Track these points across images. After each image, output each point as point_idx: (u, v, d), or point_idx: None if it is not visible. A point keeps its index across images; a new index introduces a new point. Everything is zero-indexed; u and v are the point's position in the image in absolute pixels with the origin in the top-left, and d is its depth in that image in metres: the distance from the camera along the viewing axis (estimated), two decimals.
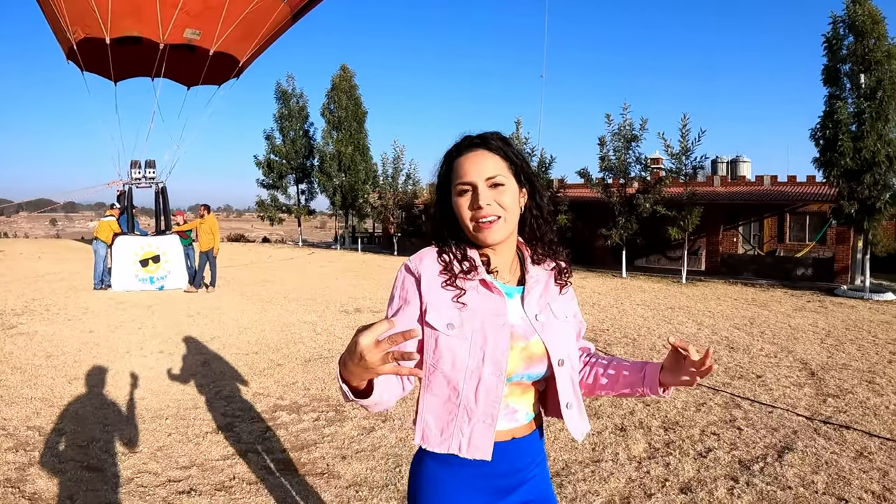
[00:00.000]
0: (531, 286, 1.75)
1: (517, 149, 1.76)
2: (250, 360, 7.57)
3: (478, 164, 1.67)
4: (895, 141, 19.04)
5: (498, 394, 1.62)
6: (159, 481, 4.08)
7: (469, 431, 1.63)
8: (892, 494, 4.11)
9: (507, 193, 1.68)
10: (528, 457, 1.76)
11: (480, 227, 1.65)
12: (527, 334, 1.69)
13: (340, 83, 38.02)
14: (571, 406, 1.75)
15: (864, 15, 19.02)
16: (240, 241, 41.17)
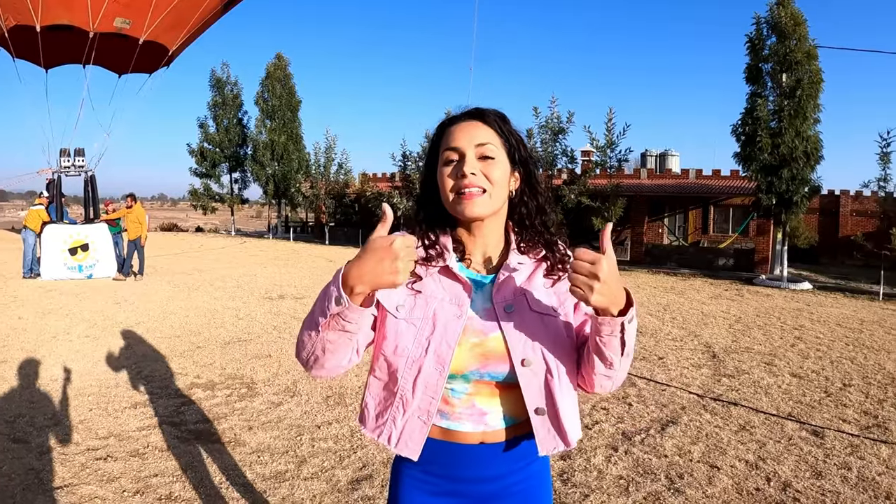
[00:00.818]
0: (505, 273, 1.59)
1: (515, 129, 1.62)
2: (172, 343, 7.88)
3: (469, 131, 1.54)
4: (813, 137, 19.89)
5: (437, 389, 1.50)
6: (79, 450, 4.44)
7: (402, 424, 1.54)
8: (765, 464, 4.62)
9: (497, 168, 1.53)
10: (503, 466, 1.59)
11: (461, 198, 1.51)
12: (486, 329, 1.54)
13: (275, 72, 37.91)
14: (542, 413, 1.55)
15: (787, 17, 19.70)
16: (172, 230, 40.67)
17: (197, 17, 16.65)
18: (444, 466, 1.57)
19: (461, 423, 1.55)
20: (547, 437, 1.55)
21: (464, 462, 1.57)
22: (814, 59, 20.11)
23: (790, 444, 5.09)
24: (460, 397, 1.55)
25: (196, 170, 39.12)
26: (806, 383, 7.03)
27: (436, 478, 1.59)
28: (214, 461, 4.32)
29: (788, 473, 4.51)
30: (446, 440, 1.56)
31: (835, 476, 4.51)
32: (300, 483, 4.02)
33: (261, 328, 9.03)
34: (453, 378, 1.52)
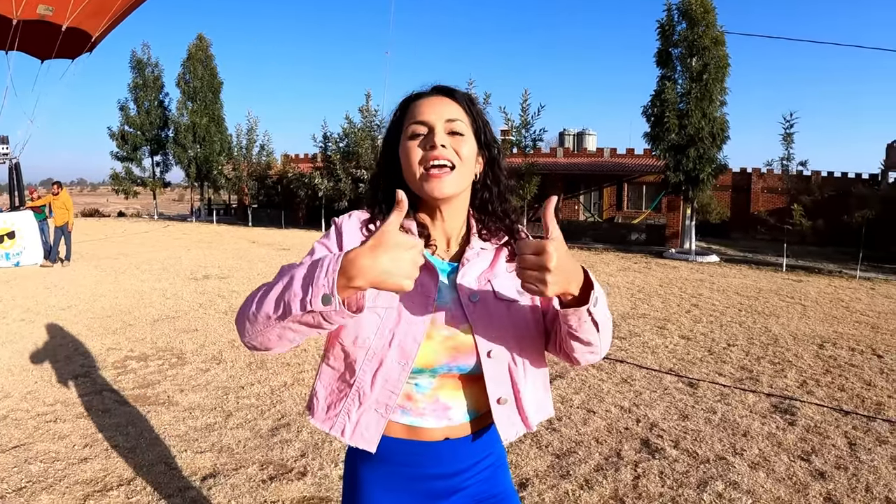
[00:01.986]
0: (469, 259, 1.52)
1: (482, 111, 1.55)
2: (105, 322, 8.31)
3: (439, 106, 1.46)
4: (719, 119, 20.81)
5: (398, 384, 1.42)
6: (30, 416, 4.95)
7: (357, 417, 1.45)
8: (637, 409, 5.36)
9: (466, 145, 1.46)
10: (467, 461, 1.54)
11: (429, 175, 1.42)
12: (456, 321, 1.46)
13: (196, 53, 37.20)
14: (505, 402, 1.49)
15: (697, 4, 20.35)
16: (94, 216, 39.83)
17: (119, 4, 16.73)
18: (406, 465, 1.51)
19: (424, 418, 1.48)
20: (508, 424, 1.51)
21: (428, 460, 1.51)
22: (721, 45, 20.85)
23: (665, 394, 5.84)
24: (424, 392, 1.48)
25: (117, 153, 38.18)
26: (692, 344, 7.89)
27: (397, 477, 1.52)
28: (151, 418, 4.90)
29: (657, 416, 5.24)
30: (410, 438, 1.49)
31: (700, 418, 5.21)
32: (227, 431, 4.66)
33: (187, 306, 9.53)
34: (420, 373, 1.44)
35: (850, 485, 4.10)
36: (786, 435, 4.95)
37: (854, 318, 10.05)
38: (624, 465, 4.26)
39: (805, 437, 4.89)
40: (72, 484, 3.77)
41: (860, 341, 8.38)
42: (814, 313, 10.37)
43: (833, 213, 21.60)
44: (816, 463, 4.43)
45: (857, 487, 4.06)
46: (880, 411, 5.54)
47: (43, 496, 3.61)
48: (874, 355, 7.60)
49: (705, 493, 3.87)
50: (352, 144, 28.59)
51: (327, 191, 29.10)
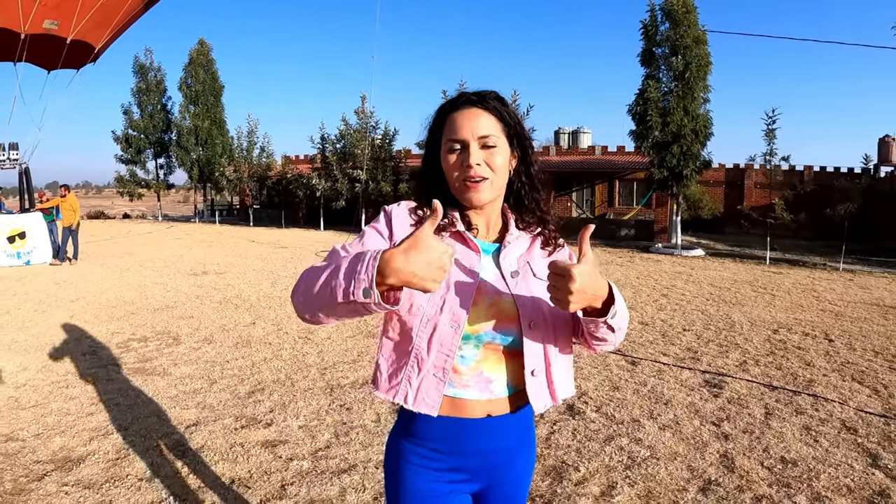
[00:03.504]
0: (510, 242, 1.67)
1: (514, 110, 1.67)
2: (110, 311, 9.20)
3: (472, 121, 1.58)
4: (702, 116, 21.19)
5: (452, 347, 1.53)
6: (45, 383, 5.83)
7: (418, 383, 1.56)
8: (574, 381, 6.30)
9: (499, 155, 1.59)
10: (509, 439, 1.66)
11: (467, 186, 1.58)
12: (498, 292, 1.60)
13: (198, 57, 37.95)
14: (538, 374, 1.62)
15: (679, 4, 20.74)
16: (100, 218, 40.69)
17: (120, 17, 17.63)
18: (449, 443, 1.61)
19: (468, 390, 1.59)
20: (538, 395, 1.62)
21: (470, 437, 1.61)
22: (702, 44, 21.22)
23: (604, 369, 6.37)
24: (469, 364, 1.59)
25: (121, 156, 38.98)
26: (648, 328, 8.50)
27: (441, 454, 1.63)
28: (148, 385, 5.78)
29: (590, 387, 5.79)
30: (452, 415, 1.60)
31: (629, 389, 5.76)
32: (212, 394, 5.53)
33: (185, 297, 10.43)
34: (467, 340, 1.56)
35: (749, 445, 4.56)
36: (706, 405, 5.45)
37: (820, 307, 10.55)
38: (543, 423, 4.95)
39: (724, 407, 5.38)
40: (80, 431, 4.65)
41: (817, 327, 8.81)
42: (781, 302, 10.93)
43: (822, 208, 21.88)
44: (725, 427, 4.91)
45: (755, 448, 4.52)
46: (809, 387, 5.99)
47: (56, 439, 4.49)
48: (825, 339, 8.03)
49: (608, 447, 4.52)
50: (348, 146, 29.43)
51: (325, 191, 29.96)
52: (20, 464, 4.09)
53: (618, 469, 4.17)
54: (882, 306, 10.75)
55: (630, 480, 3.99)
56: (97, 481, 3.85)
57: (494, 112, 1.61)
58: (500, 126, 1.61)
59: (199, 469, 4.04)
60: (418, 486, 1.64)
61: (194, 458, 4.19)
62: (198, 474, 3.96)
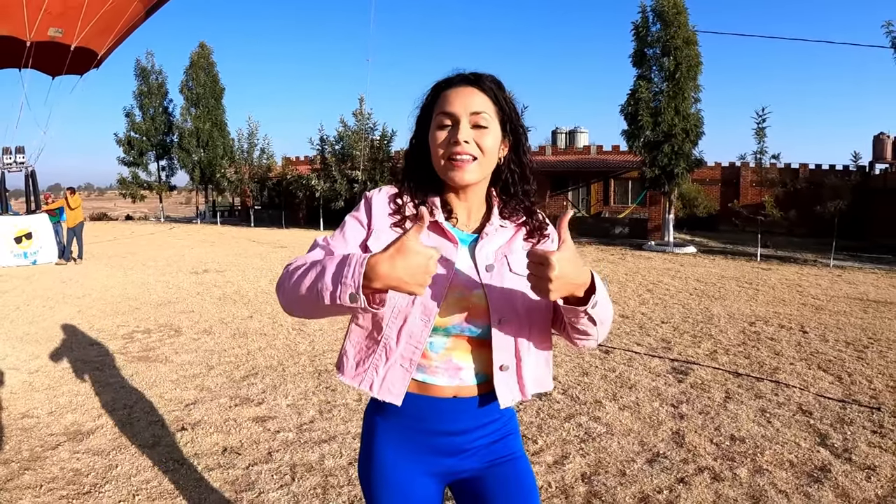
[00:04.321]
0: (489, 233, 1.64)
1: (510, 97, 1.64)
2: (115, 306, 9.71)
3: (465, 98, 1.56)
4: (693, 116, 21.42)
5: (421, 339, 1.55)
6: (56, 370, 6.30)
7: (384, 372, 1.57)
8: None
9: (489, 137, 1.57)
10: (474, 421, 1.65)
11: (453, 164, 1.55)
12: (470, 285, 1.58)
13: (199, 60, 38.39)
14: (507, 369, 1.61)
15: (669, 5, 21.04)
16: (103, 219, 41.16)
17: (122, 24, 18.13)
18: (417, 420, 1.62)
19: (437, 376, 1.60)
20: (506, 390, 1.61)
21: (437, 415, 1.62)
22: (693, 45, 21.47)
23: (576, 357, 6.67)
24: (438, 352, 1.59)
25: (124, 159, 39.39)
26: (627, 321, 8.85)
27: (409, 431, 1.64)
28: (151, 370, 6.28)
29: (560, 372, 6.09)
30: (420, 393, 1.61)
31: (597, 375, 6.09)
32: (209, 378, 6.03)
33: (186, 293, 10.95)
34: (436, 331, 1.56)
35: (702, 424, 4.85)
36: (668, 389, 5.74)
37: (801, 301, 10.84)
38: None
39: (686, 391, 5.67)
40: (89, 408, 5.16)
41: (794, 320, 9.08)
42: (763, 297, 11.25)
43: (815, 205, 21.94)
44: (683, 409, 5.21)
45: (707, 426, 4.81)
46: (773, 374, 6.26)
47: (68, 416, 5.00)
48: (800, 331, 8.30)
49: (568, 423, 4.90)
50: (346, 147, 29.95)
51: (324, 192, 30.46)
52: (35, 436, 4.59)
53: (573, 442, 4.55)
54: (865, 300, 11.03)
55: (583, 452, 4.39)
56: (105, 449, 4.35)
57: (490, 94, 1.58)
58: (495, 108, 1.58)
59: (195, 439, 4.53)
60: (388, 459, 1.66)
61: (192, 431, 4.69)
62: (194, 443, 4.46)
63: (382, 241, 1.54)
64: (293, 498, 3.66)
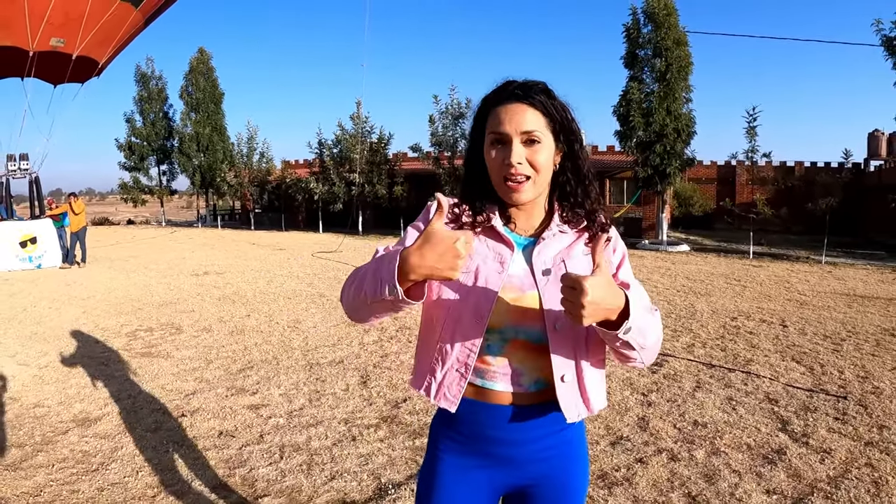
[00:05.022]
0: (546, 238, 1.62)
1: (561, 103, 1.60)
2: (118, 307, 10.14)
3: (516, 116, 1.53)
4: (685, 116, 21.71)
5: (475, 341, 1.54)
6: (64, 365, 6.72)
7: (441, 376, 1.59)
8: None
9: (543, 152, 1.55)
10: (534, 430, 1.60)
11: (509, 186, 1.55)
12: (524, 287, 1.56)
13: (198, 65, 38.89)
14: (568, 380, 1.56)
15: (660, 6, 21.37)
16: (104, 224, 41.57)
17: (122, 33, 18.59)
18: (474, 425, 1.61)
19: (495, 382, 1.58)
20: (571, 403, 1.57)
21: (494, 422, 1.59)
22: (683, 45, 21.78)
23: None
24: (496, 356, 1.57)
25: (125, 164, 39.84)
26: None
27: (467, 438, 1.63)
28: (153, 365, 6.70)
29: None
30: (478, 399, 1.60)
31: None
32: (208, 371, 6.46)
33: (187, 294, 11.38)
34: (491, 333, 1.55)
35: (668, 411, 5.09)
36: (641, 379, 5.97)
37: (787, 297, 11.06)
38: None
39: (657, 381, 5.91)
40: (96, 398, 5.58)
41: (776, 315, 9.28)
42: (749, 293, 11.50)
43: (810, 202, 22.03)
44: (652, 397, 5.46)
45: (672, 413, 5.06)
46: (745, 366, 6.49)
47: (76, 405, 5.42)
48: (780, 325, 8.50)
49: None
50: (344, 150, 30.41)
51: (322, 194, 30.91)
52: (47, 423, 5.02)
53: None
54: (851, 296, 11.22)
55: None
56: (111, 433, 4.78)
57: (540, 107, 1.56)
58: (546, 121, 1.56)
59: (194, 424, 4.96)
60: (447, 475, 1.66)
61: (191, 417, 5.11)
62: (193, 428, 4.89)
63: None
64: (280, 473, 4.08)
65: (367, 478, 4.01)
